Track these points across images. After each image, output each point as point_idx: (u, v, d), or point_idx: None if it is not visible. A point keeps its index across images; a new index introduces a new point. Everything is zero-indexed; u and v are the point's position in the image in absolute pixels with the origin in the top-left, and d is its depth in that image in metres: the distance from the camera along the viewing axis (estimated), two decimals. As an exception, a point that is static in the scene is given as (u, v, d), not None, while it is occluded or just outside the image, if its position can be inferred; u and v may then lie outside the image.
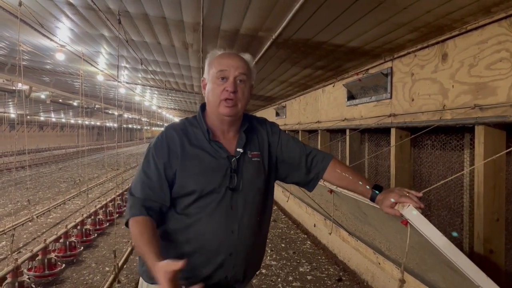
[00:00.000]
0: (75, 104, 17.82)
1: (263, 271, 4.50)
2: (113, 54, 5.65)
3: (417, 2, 2.19)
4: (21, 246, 5.68)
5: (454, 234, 1.81)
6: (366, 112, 3.96)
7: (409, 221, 1.36)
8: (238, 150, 1.44)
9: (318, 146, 5.49)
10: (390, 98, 3.43)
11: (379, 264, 3.28)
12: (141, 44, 4.68)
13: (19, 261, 3.70)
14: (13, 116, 22.98)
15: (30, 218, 6.72)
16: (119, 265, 4.18)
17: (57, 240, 4.84)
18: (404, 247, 1.96)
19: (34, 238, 6.05)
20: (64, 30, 4.48)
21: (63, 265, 4.44)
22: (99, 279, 4.36)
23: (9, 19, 4.02)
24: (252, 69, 1.46)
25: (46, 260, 4.19)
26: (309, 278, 4.34)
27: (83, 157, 16.86)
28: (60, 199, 9.19)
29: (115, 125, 36.31)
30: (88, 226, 5.84)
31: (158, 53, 5.10)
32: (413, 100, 3.07)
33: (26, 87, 9.97)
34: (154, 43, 4.52)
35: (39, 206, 8.58)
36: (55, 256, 4.41)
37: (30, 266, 4.18)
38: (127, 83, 9.92)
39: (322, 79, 5.08)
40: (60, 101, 16.51)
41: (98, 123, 38.09)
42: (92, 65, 6.74)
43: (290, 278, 4.33)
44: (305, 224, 6.31)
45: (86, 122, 29.23)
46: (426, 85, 2.89)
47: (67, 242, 4.88)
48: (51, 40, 4.89)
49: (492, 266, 2.27)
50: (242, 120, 1.50)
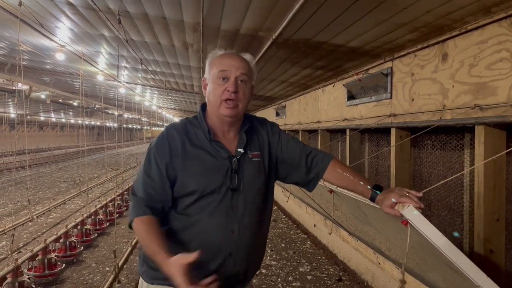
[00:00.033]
0: (75, 104, 17.83)
1: (263, 271, 4.50)
2: (113, 54, 5.65)
3: (417, 2, 2.19)
4: (21, 246, 5.68)
5: (455, 235, 1.81)
6: (366, 112, 3.96)
7: (409, 221, 1.36)
8: (239, 150, 1.44)
9: (318, 146, 5.49)
10: (390, 98, 3.43)
11: (379, 264, 3.28)
12: (141, 44, 4.68)
13: (19, 261, 3.70)
14: (13, 116, 22.99)
15: (30, 218, 6.73)
16: (119, 265, 4.18)
17: (57, 240, 4.84)
18: (404, 247, 1.96)
19: (34, 238, 6.05)
20: (64, 30, 4.48)
21: (63, 265, 4.44)
22: (99, 279, 4.36)
23: (9, 19, 4.03)
24: (253, 69, 1.46)
25: (46, 260, 4.19)
26: (309, 278, 4.34)
27: (83, 157, 16.88)
28: (60, 199, 9.20)
29: (115, 125, 36.32)
30: (88, 226, 5.84)
31: (158, 53, 5.10)
32: (413, 100, 3.07)
33: (26, 87, 9.98)
34: (154, 43, 4.52)
35: (39, 206, 8.58)
36: (55, 256, 4.41)
37: (30, 266, 4.18)
38: (127, 83, 9.92)
39: (322, 79, 5.08)
40: (60, 101, 16.53)
41: (98, 123, 38.11)
42: (92, 65, 6.74)
43: (290, 278, 4.33)
44: (305, 224, 6.31)
45: (86, 122, 29.24)
46: (426, 85, 2.89)
47: (67, 242, 4.88)
48: (51, 40, 4.90)
49: (492, 266, 2.27)
50: (243, 120, 1.49)
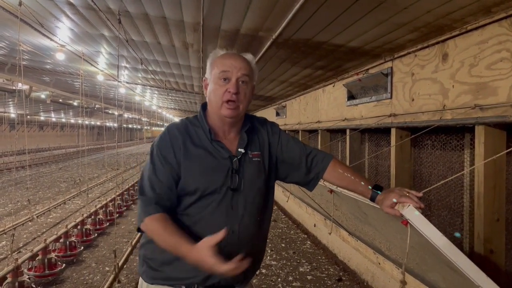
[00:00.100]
0: (75, 104, 17.84)
1: (263, 271, 4.50)
2: (113, 54, 5.65)
3: (417, 2, 2.19)
4: (21, 246, 5.68)
5: (457, 235, 1.80)
6: (366, 112, 3.96)
7: (409, 221, 1.36)
8: (240, 150, 1.44)
9: (318, 146, 5.49)
10: (390, 98, 3.43)
11: (379, 264, 3.28)
12: (141, 44, 4.68)
13: (19, 261, 3.70)
14: (13, 116, 22.98)
15: (30, 218, 6.72)
16: (119, 265, 4.18)
17: (57, 240, 4.84)
18: (404, 247, 1.96)
19: (34, 238, 6.05)
20: (64, 30, 4.48)
21: (63, 265, 4.44)
22: (99, 279, 4.36)
23: (9, 19, 4.02)
24: (254, 69, 1.46)
25: (46, 260, 4.19)
26: (309, 278, 4.34)
27: (83, 157, 16.89)
28: (60, 199, 9.20)
29: (115, 125, 36.32)
30: (88, 226, 5.84)
31: (158, 53, 5.10)
32: (413, 100, 3.07)
33: (26, 87, 9.98)
34: (154, 43, 4.52)
35: (39, 206, 8.58)
36: (55, 256, 4.41)
37: (30, 266, 4.18)
38: (127, 83, 9.92)
39: (322, 79, 5.08)
40: (60, 101, 16.54)
41: (98, 123, 38.10)
42: (92, 65, 6.74)
43: (290, 278, 4.33)
44: (305, 224, 6.31)
45: (86, 122, 29.23)
46: (426, 85, 2.89)
47: (67, 242, 4.88)
48: (51, 40, 4.89)
49: (492, 266, 2.27)
50: (244, 120, 1.49)
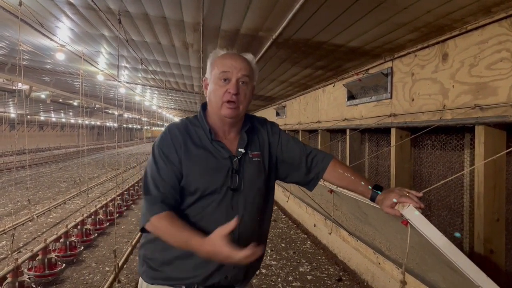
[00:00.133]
0: (75, 103, 17.84)
1: (263, 271, 4.50)
2: (113, 54, 5.65)
3: (417, 2, 2.19)
4: (21, 245, 5.68)
5: (457, 235, 1.80)
6: (366, 112, 3.96)
7: (409, 221, 1.36)
8: (240, 150, 1.44)
9: (318, 146, 5.49)
10: (390, 98, 3.43)
11: (379, 264, 3.28)
12: (141, 44, 4.68)
13: (19, 260, 3.70)
14: (13, 115, 22.99)
15: (30, 217, 6.72)
16: (119, 265, 4.18)
17: (57, 240, 4.84)
18: (404, 247, 1.96)
19: (34, 238, 6.05)
20: (64, 30, 4.48)
21: (63, 264, 4.44)
22: (99, 279, 4.36)
23: (9, 19, 4.02)
24: (254, 69, 1.46)
25: (46, 259, 4.19)
26: (309, 278, 4.34)
27: (83, 156, 16.88)
28: (60, 199, 9.20)
29: (115, 125, 36.32)
30: (88, 226, 5.84)
31: (158, 53, 5.10)
32: (413, 100, 3.07)
33: (26, 87, 9.98)
34: (154, 43, 4.52)
35: (39, 205, 8.59)
36: (55, 256, 4.41)
37: (30, 266, 4.18)
38: (127, 83, 9.92)
39: (322, 79, 5.08)
40: (60, 100, 16.54)
41: (98, 123, 38.11)
42: (92, 64, 6.74)
43: (290, 278, 4.33)
44: (305, 224, 6.31)
45: (86, 122, 29.23)
46: (426, 85, 2.89)
47: (67, 242, 4.88)
48: (51, 39, 4.89)
49: (492, 266, 2.27)
50: (244, 120, 1.49)
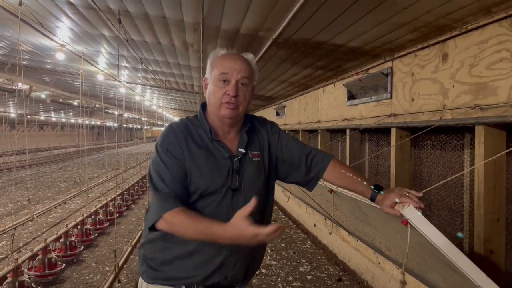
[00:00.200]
0: (75, 103, 17.85)
1: (263, 271, 4.50)
2: (113, 54, 5.65)
3: (417, 2, 2.19)
4: (21, 245, 5.68)
5: (459, 235, 1.80)
6: (366, 112, 3.96)
7: (409, 221, 1.36)
8: (240, 150, 1.44)
9: (318, 146, 5.49)
10: (390, 98, 3.43)
11: (379, 264, 3.28)
12: (141, 43, 4.68)
13: (20, 260, 3.70)
14: (13, 115, 22.99)
15: (30, 217, 6.73)
16: (119, 264, 4.18)
17: (57, 239, 4.85)
18: (404, 247, 1.96)
19: (35, 238, 6.05)
20: (64, 29, 4.48)
21: (64, 264, 4.44)
22: (99, 279, 4.36)
23: (9, 19, 4.02)
24: (254, 70, 1.45)
25: (46, 259, 4.20)
26: (309, 278, 4.34)
27: (83, 156, 16.88)
28: (60, 199, 9.20)
29: (115, 124, 36.32)
30: (88, 226, 5.84)
31: (158, 52, 5.10)
32: (413, 100, 3.07)
33: (26, 87, 9.99)
34: (154, 43, 4.52)
35: (39, 205, 8.59)
36: (56, 255, 4.41)
37: (30, 266, 4.18)
38: (127, 83, 9.92)
39: (322, 79, 5.08)
40: (60, 100, 16.55)
41: (98, 123, 38.11)
42: (92, 64, 6.74)
43: (290, 278, 4.33)
44: (305, 224, 6.31)
45: (86, 122, 29.23)
46: (426, 85, 2.89)
47: (68, 242, 4.88)
48: (51, 39, 4.89)
49: (492, 266, 2.27)
50: (244, 120, 1.49)
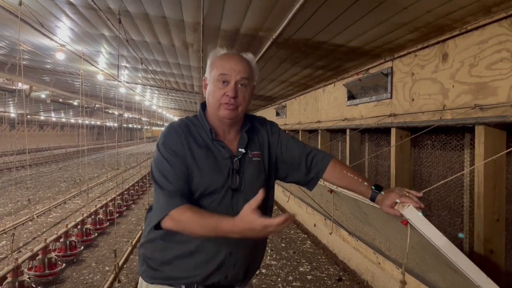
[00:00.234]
0: (75, 103, 17.84)
1: (263, 271, 4.50)
2: (113, 54, 5.65)
3: (417, 2, 2.19)
4: (21, 245, 5.68)
5: (460, 236, 1.80)
6: (366, 112, 3.96)
7: (409, 221, 1.36)
8: (240, 150, 1.44)
9: (318, 146, 5.49)
10: (390, 98, 3.43)
11: (379, 264, 3.28)
12: (141, 43, 4.68)
13: (20, 260, 3.70)
14: (13, 115, 22.99)
15: (30, 217, 6.73)
16: (119, 264, 4.18)
17: (57, 239, 4.85)
18: (404, 247, 1.96)
19: (35, 238, 6.05)
20: (64, 29, 4.48)
21: (64, 264, 4.44)
22: (99, 279, 4.36)
23: (9, 19, 4.02)
24: (254, 70, 1.45)
25: (46, 259, 4.19)
26: (309, 278, 4.34)
27: (83, 156, 16.87)
28: (60, 199, 9.20)
29: (115, 124, 36.33)
30: (88, 226, 5.84)
31: (158, 52, 5.10)
32: (413, 100, 3.07)
33: (26, 87, 9.99)
34: (154, 43, 4.52)
35: (39, 205, 8.59)
36: (56, 255, 4.41)
37: (30, 266, 4.18)
38: (127, 83, 9.92)
39: (322, 79, 5.08)
40: (60, 100, 16.55)
41: (98, 123, 38.11)
42: (92, 64, 6.74)
43: (290, 278, 4.33)
44: (305, 224, 6.31)
45: (86, 122, 29.24)
46: (426, 85, 2.89)
47: (68, 242, 4.88)
48: (51, 39, 4.89)
49: (492, 266, 2.27)
50: (244, 120, 1.49)
